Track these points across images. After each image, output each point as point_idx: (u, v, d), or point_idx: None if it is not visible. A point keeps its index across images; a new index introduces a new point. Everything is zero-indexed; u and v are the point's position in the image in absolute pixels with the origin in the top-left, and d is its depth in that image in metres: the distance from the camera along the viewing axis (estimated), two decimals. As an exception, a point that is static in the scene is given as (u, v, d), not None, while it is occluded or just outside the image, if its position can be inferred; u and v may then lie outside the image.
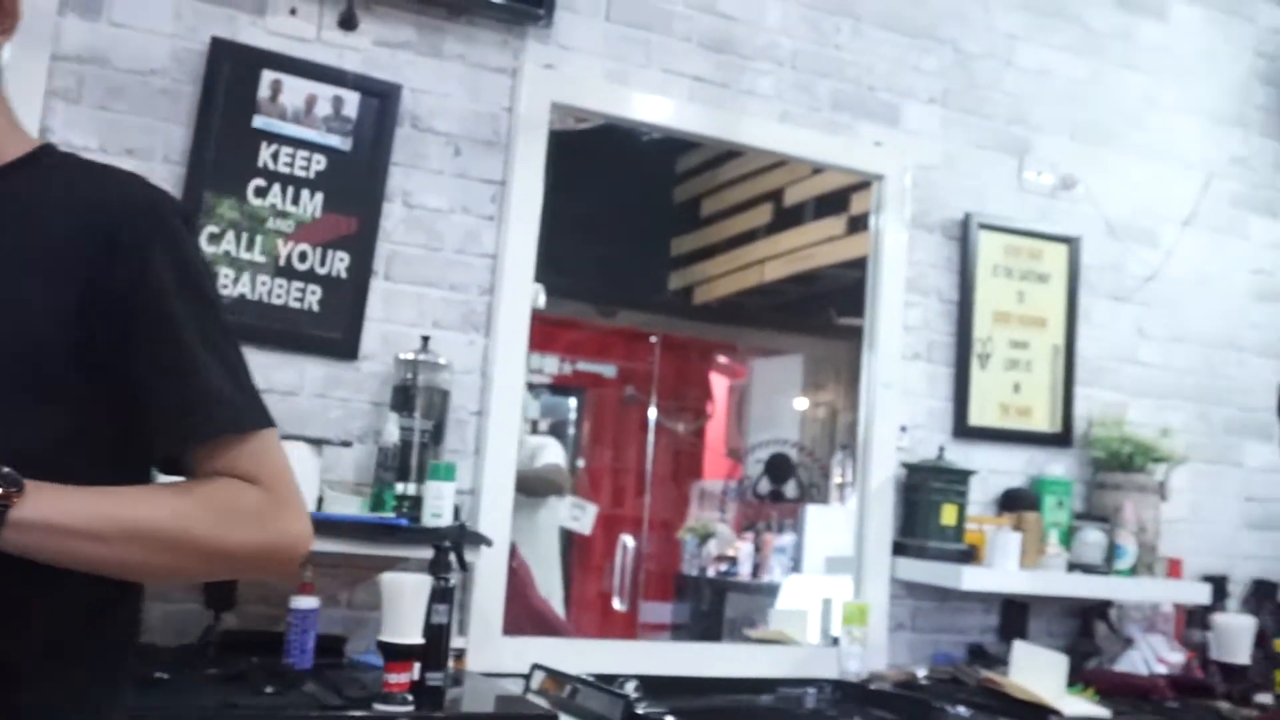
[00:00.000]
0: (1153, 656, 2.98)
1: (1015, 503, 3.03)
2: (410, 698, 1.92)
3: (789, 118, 2.93)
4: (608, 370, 5.75)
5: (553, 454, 3.91)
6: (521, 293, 2.60)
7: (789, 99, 2.94)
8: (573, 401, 5.64)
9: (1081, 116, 3.31)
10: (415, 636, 1.95)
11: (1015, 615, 3.02)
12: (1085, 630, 3.12)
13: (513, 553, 3.42)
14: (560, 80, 2.66)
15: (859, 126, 3.01)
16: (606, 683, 2.46)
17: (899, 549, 2.92)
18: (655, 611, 5.03)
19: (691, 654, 2.82)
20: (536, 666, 2.42)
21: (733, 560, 4.63)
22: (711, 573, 4.71)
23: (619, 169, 3.66)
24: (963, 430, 3.05)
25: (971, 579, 2.73)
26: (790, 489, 4.76)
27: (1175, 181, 3.43)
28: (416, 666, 1.96)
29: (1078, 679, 2.80)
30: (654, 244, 5.41)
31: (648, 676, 2.60)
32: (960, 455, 3.01)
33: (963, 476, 2.90)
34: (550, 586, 3.83)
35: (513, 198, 2.60)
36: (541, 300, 4.02)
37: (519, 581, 3.44)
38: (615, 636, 4.76)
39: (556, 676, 2.40)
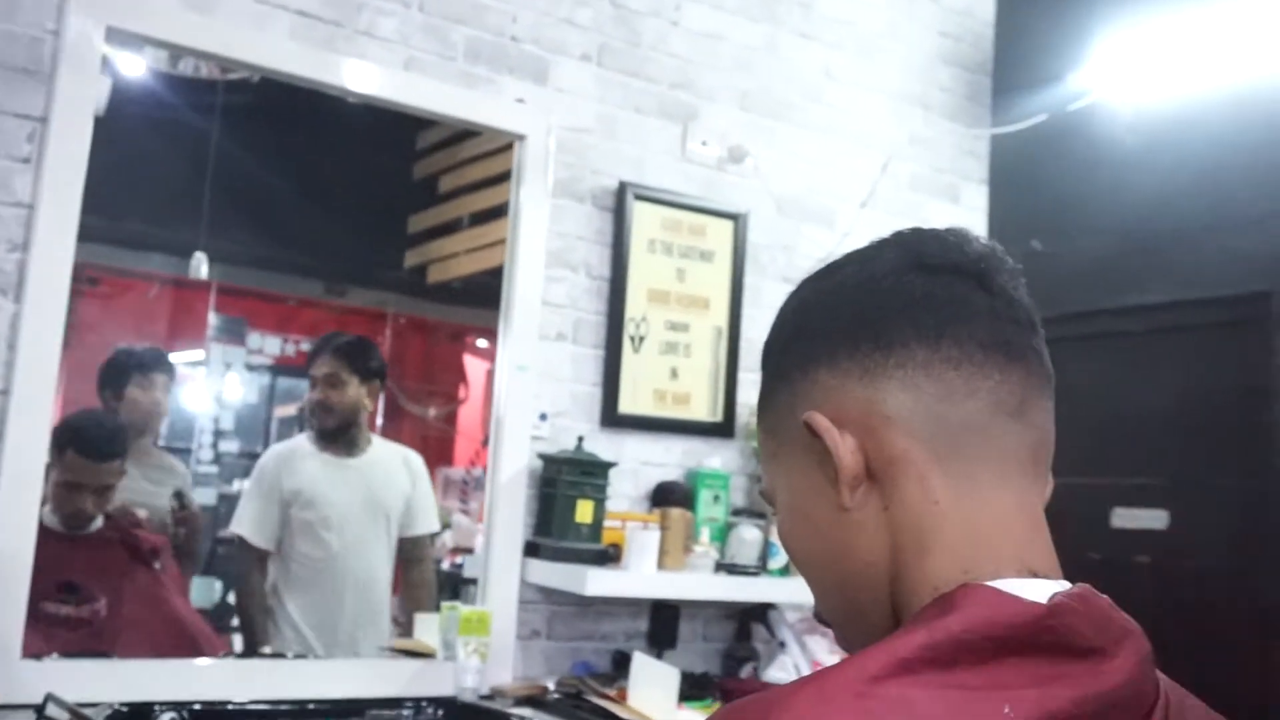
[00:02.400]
0: (806, 661, 2.78)
1: (667, 498, 2.79)
2: None
3: (415, 65, 2.61)
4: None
5: None
6: (62, 251, 2.17)
7: (416, 45, 2.61)
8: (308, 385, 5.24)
9: (754, 86, 3.10)
10: None
11: (665, 620, 2.79)
12: (743, 633, 2.92)
13: (156, 554, 2.99)
14: (120, 2, 2.25)
15: (500, 81, 2.71)
16: (144, 713, 2.09)
17: (532, 550, 2.64)
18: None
19: (277, 672, 2.45)
20: (50, 698, 2.02)
21: (470, 552, 4.31)
22: (446, 565, 4.38)
23: (353, 144, 3.42)
24: (612, 419, 2.79)
25: (598, 583, 2.46)
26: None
27: (853, 160, 3.27)
28: None
29: (718, 690, 2.59)
30: (390, 221, 5.08)
31: (211, 703, 2.24)
32: (609, 446, 2.76)
33: (601, 469, 2.63)
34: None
35: (53, 138, 2.17)
36: (204, 270, 3.57)
37: (160, 587, 3.00)
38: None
39: (72, 710, 2.01)
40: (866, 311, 0.77)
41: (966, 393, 0.74)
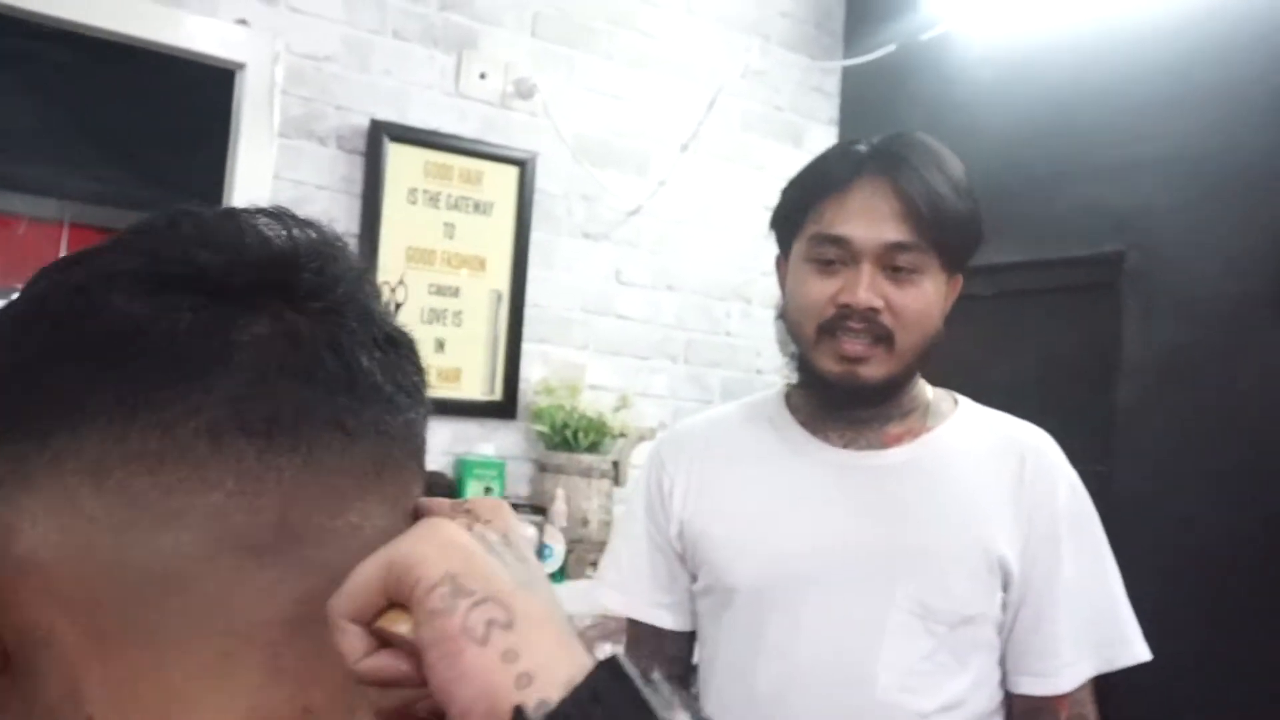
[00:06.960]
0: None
1: (428, 491, 2.40)
2: None
3: (98, -22, 2.16)
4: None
5: None
6: None
7: (99, -48, 2.16)
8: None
9: (546, 7, 2.67)
10: None
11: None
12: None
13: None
14: None
15: (218, 1, 2.27)
16: None
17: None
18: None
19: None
20: None
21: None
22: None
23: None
24: (360, 400, 2.39)
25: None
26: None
27: (673, 96, 2.85)
28: None
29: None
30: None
31: None
32: (359, 431, 2.36)
33: (331, 462, 2.24)
34: None
35: None
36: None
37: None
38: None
39: None
40: (28, 364, 0.43)
41: (163, 516, 0.41)
